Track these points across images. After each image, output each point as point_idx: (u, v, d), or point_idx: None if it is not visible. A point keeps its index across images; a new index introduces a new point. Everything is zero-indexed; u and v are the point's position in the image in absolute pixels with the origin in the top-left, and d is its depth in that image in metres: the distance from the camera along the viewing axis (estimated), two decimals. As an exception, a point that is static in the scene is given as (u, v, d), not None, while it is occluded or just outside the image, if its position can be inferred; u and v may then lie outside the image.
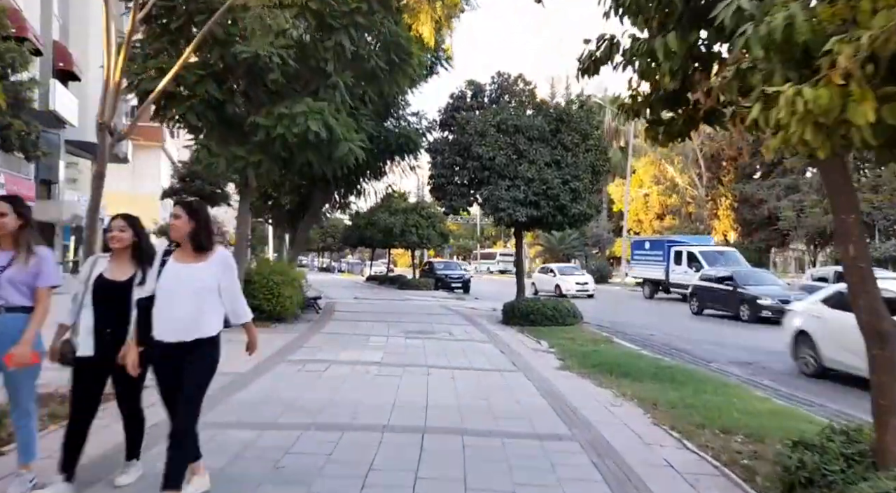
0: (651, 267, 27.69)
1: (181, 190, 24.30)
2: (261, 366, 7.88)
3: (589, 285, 27.00)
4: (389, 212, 31.77)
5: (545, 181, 13.51)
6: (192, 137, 11.56)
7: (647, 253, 28.41)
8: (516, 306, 14.44)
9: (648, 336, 14.50)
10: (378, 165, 17.99)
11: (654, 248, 27.94)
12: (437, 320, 15.03)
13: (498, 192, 13.50)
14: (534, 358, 9.85)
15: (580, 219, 13.96)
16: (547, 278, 28.37)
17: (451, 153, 14.27)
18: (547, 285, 27.72)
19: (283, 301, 12.50)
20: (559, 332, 13.23)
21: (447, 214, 14.81)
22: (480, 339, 11.80)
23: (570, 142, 13.91)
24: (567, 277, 27.62)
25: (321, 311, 15.99)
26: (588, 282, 27.33)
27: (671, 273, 25.47)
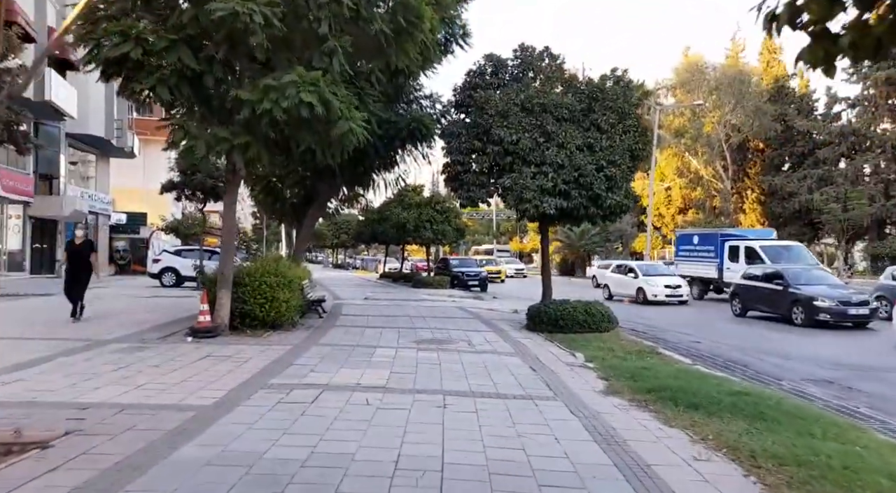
0: (700, 264, 24.93)
1: (182, 184, 22.85)
2: (233, 395, 6.27)
3: (682, 290, 22.23)
4: (402, 206, 30.16)
5: (577, 167, 11.77)
6: (166, 117, 9.96)
7: (696, 248, 25.81)
8: (543, 309, 12.73)
9: (693, 344, 12.75)
10: (389, 155, 16.36)
11: (705, 242, 25.37)
12: (453, 324, 13.38)
13: (522, 180, 11.79)
14: (571, 377, 8.15)
15: (617, 211, 12.20)
16: (626, 279, 23.64)
17: (469, 137, 12.57)
18: (625, 287, 23.36)
19: (277, 306, 10.92)
20: (594, 340, 11.53)
21: (464, 206, 13.09)
22: (504, 350, 10.12)
23: (604, 122, 12.15)
24: (653, 278, 22.66)
25: (325, 314, 14.41)
26: (681, 285, 22.40)
27: (725, 271, 22.81)
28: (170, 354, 8.48)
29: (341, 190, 18.48)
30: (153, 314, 13.39)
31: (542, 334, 12.27)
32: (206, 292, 10.25)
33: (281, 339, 10.28)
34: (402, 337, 11.13)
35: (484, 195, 12.59)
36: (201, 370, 7.42)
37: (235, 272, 10.91)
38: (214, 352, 8.72)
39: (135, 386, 6.47)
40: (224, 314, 10.43)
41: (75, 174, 33.68)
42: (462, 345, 10.44)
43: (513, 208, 12.58)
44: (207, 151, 9.38)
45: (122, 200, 40.46)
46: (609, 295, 23.49)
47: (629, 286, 23.11)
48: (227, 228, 10.54)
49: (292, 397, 6.24)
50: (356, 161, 16.24)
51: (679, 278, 23.00)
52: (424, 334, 11.55)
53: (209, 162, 22.16)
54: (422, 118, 15.73)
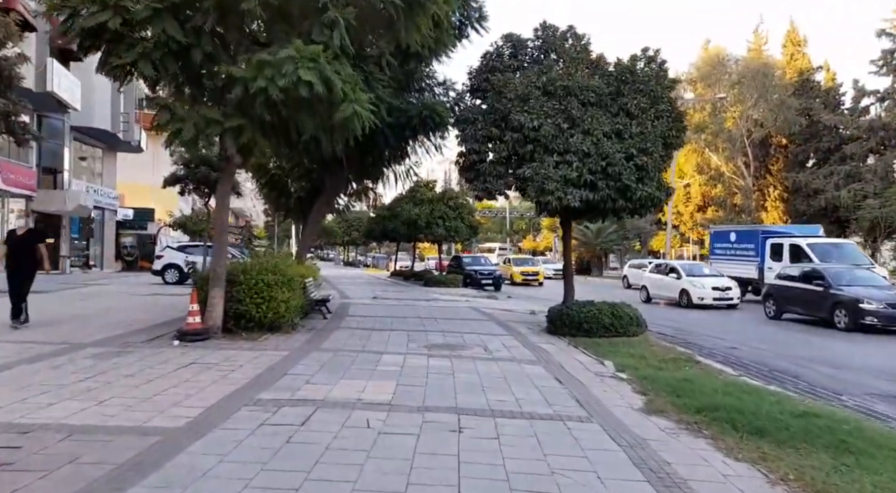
0: (738, 263, 23.27)
1: (185, 177, 22.00)
2: (211, 413, 5.32)
3: (732, 292, 20.06)
4: (414, 202, 29.20)
5: (604, 156, 10.72)
6: (150, 96, 9.03)
7: (734, 247, 24.23)
8: (565, 311, 11.70)
9: (730, 350, 11.67)
10: (399, 145, 15.39)
11: (743, 240, 23.82)
12: (467, 327, 12.38)
13: (544, 170, 10.77)
14: (603, 391, 7.14)
15: (648, 204, 11.13)
16: (667, 280, 21.55)
17: (486, 124, 11.56)
18: (666, 289, 21.46)
19: (276, 306, 9.98)
20: (622, 346, 10.49)
21: (479, 199, 12.09)
22: (525, 357, 9.11)
23: (635, 107, 11.09)
24: (700, 279, 20.62)
25: (330, 315, 13.47)
26: (731, 287, 20.21)
27: (766, 271, 21.16)
28: (150, 360, 7.55)
29: (349, 183, 17.53)
30: (147, 314, 12.52)
31: (564, 339, 11.26)
32: (195, 291, 9.33)
33: (278, 343, 9.33)
34: (412, 341, 10.15)
35: (502, 187, 11.57)
36: (181, 381, 6.48)
37: (230, 270, 9.99)
38: (201, 358, 7.79)
39: (97, 402, 5.54)
40: (216, 315, 9.51)
41: (81, 169, 33.06)
42: (477, 351, 9.44)
43: (533, 201, 11.55)
44: (196, 135, 8.43)
45: (131, 196, 39.79)
46: (647, 297, 21.95)
47: (670, 288, 21.16)
48: (220, 222, 9.61)
49: (280, 418, 5.27)
50: (364, 152, 15.30)
51: (728, 279, 20.89)
52: (436, 338, 10.57)
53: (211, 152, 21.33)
54: (434, 106, 14.72)
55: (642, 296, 21.97)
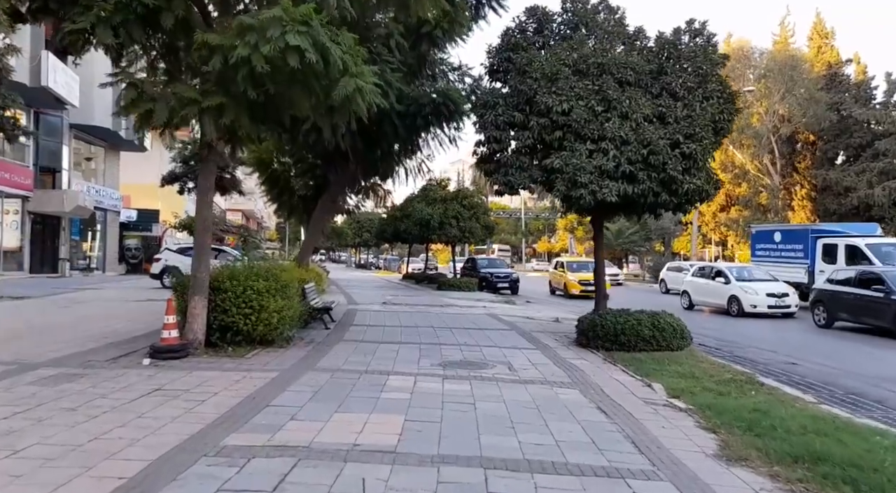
0: (784, 266, 21.32)
1: (183, 175, 20.84)
2: (156, 470, 3.98)
3: (789, 298, 17.93)
4: (426, 202, 27.85)
5: (646, 143, 9.29)
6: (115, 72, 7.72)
7: (779, 248, 22.38)
8: (598, 321, 10.27)
9: (789, 366, 10.19)
10: (410, 137, 14.06)
11: (791, 240, 21.95)
12: (486, 338, 10.99)
13: (576, 159, 9.35)
14: (661, 427, 5.71)
15: (695, 198, 9.67)
16: (713, 285, 19.35)
17: (507, 108, 10.17)
18: (711, 295, 19.37)
19: (267, 317, 8.65)
20: (667, 363, 9.06)
21: (500, 194, 10.72)
22: (557, 378, 7.70)
23: (680, 86, 9.65)
24: (752, 284, 18.38)
25: (334, 324, 12.14)
26: (788, 293, 18.07)
27: (818, 274, 19.07)
28: (107, 387, 6.23)
29: (356, 180, 16.20)
30: (129, 323, 11.25)
31: (598, 353, 9.83)
32: (170, 301, 8.01)
33: (268, 361, 7.99)
34: (425, 357, 8.78)
35: (526, 180, 10.15)
36: (134, 417, 5.15)
37: (214, 276, 8.67)
38: (170, 383, 6.46)
39: (10, 451, 4.22)
40: (198, 328, 8.20)
41: (83, 168, 32.08)
42: (501, 370, 8.05)
43: (560, 197, 10.10)
44: (169, 118, 7.13)
45: (137, 197, 38.81)
46: (689, 304, 20.21)
47: (717, 294, 19.08)
48: (201, 220, 8.29)
49: (246, 478, 3.91)
50: (371, 144, 13.98)
51: (784, 284, 18.76)
52: (452, 354, 9.18)
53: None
54: (449, 92, 13.40)
55: (684, 302, 20.33)
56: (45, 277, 26.19)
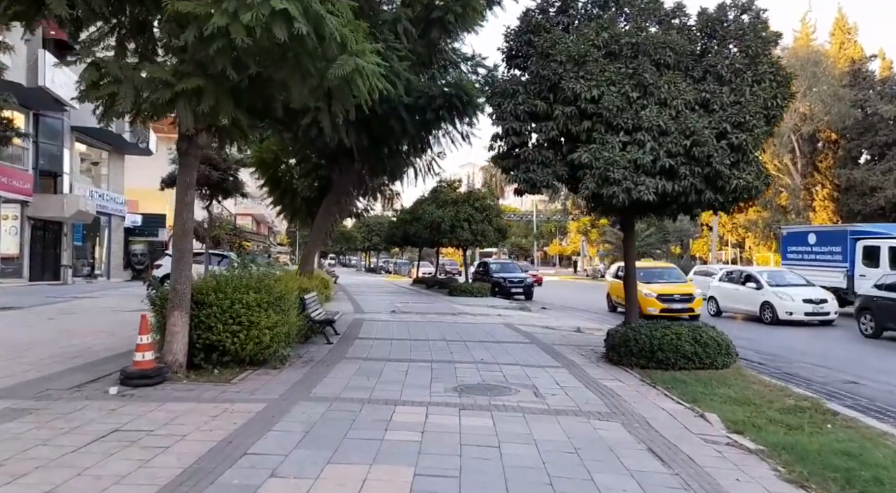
0: (820, 270, 19.86)
1: (184, 178, 19.90)
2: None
3: (828, 305, 16.48)
4: (437, 204, 26.79)
5: (688, 133, 8.15)
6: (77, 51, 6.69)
7: (813, 250, 20.99)
8: (631, 335, 9.11)
9: (850, 386, 8.97)
10: (419, 133, 12.99)
11: (827, 242, 20.52)
12: (505, 354, 9.87)
13: (608, 152, 8.22)
14: (734, 479, 4.57)
15: (744, 196, 8.49)
16: (743, 291, 17.87)
17: (528, 97, 9.05)
18: (741, 301, 17.95)
19: (258, 335, 7.59)
20: (715, 384, 7.90)
21: (520, 193, 9.58)
22: (593, 407, 6.57)
23: (726, 68, 8.50)
24: (786, 289, 16.88)
25: (337, 338, 11.08)
26: (826, 300, 16.57)
27: (858, 279, 17.89)
28: (52, 428, 5.16)
29: (363, 180, 15.16)
30: (112, 339, 10.22)
31: (632, 372, 8.68)
32: (144, 317, 6.95)
33: (256, 387, 6.91)
34: (437, 380, 7.67)
35: (550, 177, 9.02)
36: (72, 476, 4.08)
37: (198, 288, 7.63)
38: (132, 421, 5.40)
39: None
40: (177, 348, 7.14)
41: (85, 172, 31.28)
42: (526, 396, 6.93)
43: (588, 196, 8.95)
44: (136, 103, 6.08)
45: (145, 201, 38.01)
46: (717, 310, 18.89)
47: (748, 300, 17.65)
48: (181, 223, 7.23)
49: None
50: (378, 141, 12.93)
51: (822, 289, 17.15)
52: (468, 375, 8.07)
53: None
54: (462, 84, 12.33)
55: (711, 308, 19.04)
56: (46, 284, 25.36)
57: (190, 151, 7.18)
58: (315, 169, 15.61)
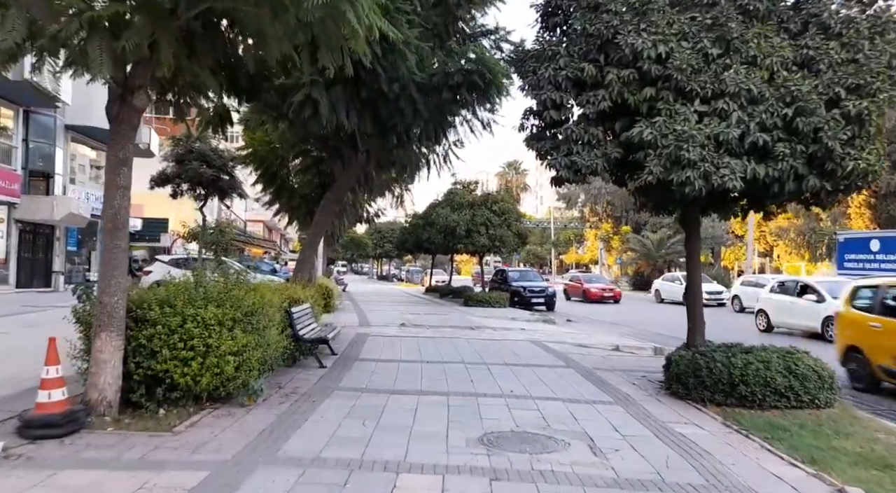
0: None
1: (177, 175, 18.20)
2: None
3: None
4: (452, 207, 24.90)
5: (789, 99, 6.19)
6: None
7: (876, 257, 18.86)
8: (703, 363, 7.11)
9: None
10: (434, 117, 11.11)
11: (893, 248, 18.51)
12: (539, 382, 7.92)
13: (679, 126, 6.27)
14: None
15: (858, 181, 6.50)
16: (801, 304, 15.59)
17: (572, 60, 7.14)
18: (799, 316, 15.68)
19: (218, 362, 5.70)
20: (829, 433, 5.93)
21: (559, 183, 7.57)
22: (680, 476, 4.60)
23: (833, 19, 6.53)
24: None
25: (334, 359, 9.20)
26: None
27: None
28: None
29: (368, 174, 13.30)
30: (60, 359, 8.37)
31: (707, 411, 6.71)
32: (52, 342, 5.07)
33: (206, 439, 5.02)
34: (456, 424, 5.74)
35: (599, 161, 7.07)
36: None
37: (136, 300, 5.77)
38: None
39: None
40: (105, 383, 5.29)
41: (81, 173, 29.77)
42: (580, 454, 4.98)
43: (641, 187, 7.00)
44: (28, 40, 4.25)
45: (150, 206, 36.50)
46: (767, 325, 16.79)
47: (806, 315, 15.44)
48: (110, 214, 5.36)
49: None
50: (386, 127, 11.10)
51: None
52: (497, 415, 6.13)
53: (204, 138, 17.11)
54: (484, 60, 10.47)
55: (760, 323, 16.93)
56: (36, 292, 23.75)
57: (122, 117, 5.34)
58: (315, 163, 13.81)
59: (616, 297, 29.30)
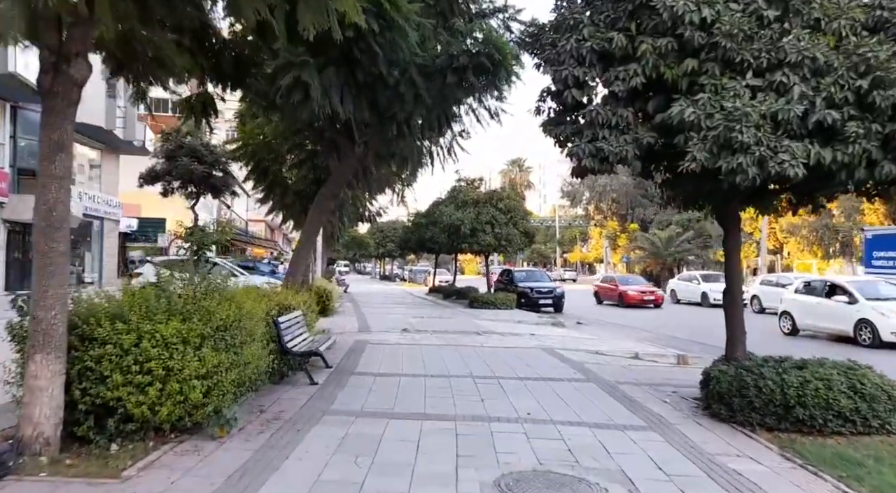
0: None
1: (167, 172, 17.26)
2: None
3: None
4: (456, 205, 23.93)
5: (862, 69, 5.20)
6: None
7: None
8: (750, 381, 6.13)
9: None
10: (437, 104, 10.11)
11: None
12: (559, 404, 6.94)
13: (730, 102, 5.29)
14: None
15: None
16: (830, 305, 14.55)
17: (597, 30, 6.16)
18: (828, 318, 14.57)
19: (181, 388, 4.75)
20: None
21: (582, 174, 6.50)
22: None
23: (911, -26, 5.54)
24: (889, 304, 13.52)
25: (328, 372, 8.25)
26: None
27: None
28: None
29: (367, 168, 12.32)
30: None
31: (758, 438, 5.74)
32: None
33: (160, 488, 4.06)
34: (468, 460, 4.78)
35: (629, 147, 6.09)
36: None
37: (83, 313, 4.82)
38: None
39: None
40: (42, 415, 4.35)
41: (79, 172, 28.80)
42: (624, 506, 4.00)
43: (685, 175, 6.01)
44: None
45: (147, 206, 35.55)
46: (793, 328, 15.71)
47: (836, 317, 14.35)
48: (44, 210, 4.34)
49: None
50: (385, 115, 10.12)
51: None
52: (514, 448, 5.16)
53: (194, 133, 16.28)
54: (492, 39, 9.49)
55: (784, 326, 15.93)
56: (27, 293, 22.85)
57: (57, 89, 4.37)
58: (310, 157, 12.84)
59: (658, 301, 25.95)
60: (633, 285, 27.14)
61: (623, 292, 26.02)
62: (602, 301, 27.83)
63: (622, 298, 25.94)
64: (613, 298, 26.64)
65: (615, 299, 26.46)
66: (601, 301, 27.84)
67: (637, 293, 25.87)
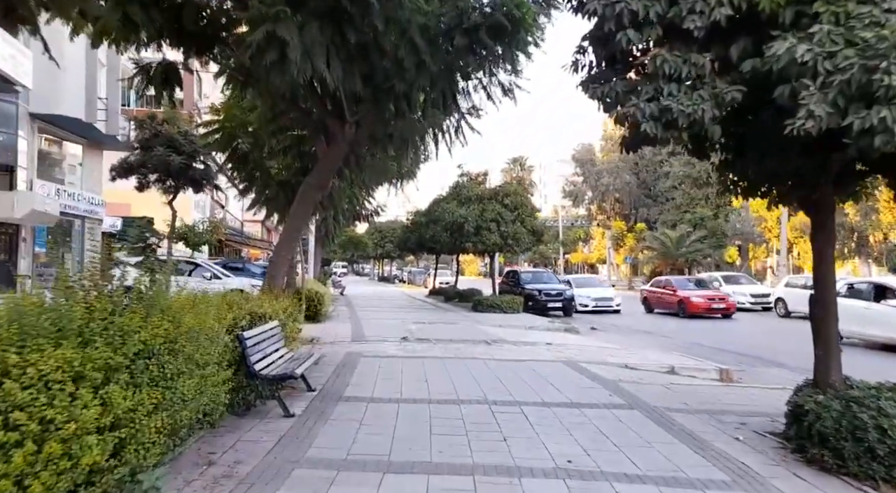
0: None
1: (142, 164, 15.66)
2: None
3: None
4: (459, 201, 22.37)
5: None
6: None
7: None
8: (864, 418, 4.56)
9: None
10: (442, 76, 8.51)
11: None
12: (605, 445, 5.35)
13: (869, 31, 3.70)
14: None
15: None
16: (878, 310, 13.23)
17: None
18: (876, 324, 13.17)
19: (71, 449, 3.14)
20: None
21: (635, 147, 4.82)
22: None
23: None
24: None
25: (309, 398, 6.67)
26: None
27: None
28: None
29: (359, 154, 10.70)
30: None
31: None
32: None
33: None
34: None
35: (706, 106, 4.51)
36: None
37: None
38: None
39: None
40: None
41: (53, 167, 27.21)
42: None
43: (806, 132, 4.39)
44: None
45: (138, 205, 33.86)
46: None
47: (882, 322, 12.94)
48: None
49: None
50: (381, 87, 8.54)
51: None
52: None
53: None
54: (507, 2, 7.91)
55: None
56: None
57: None
58: (296, 143, 11.23)
59: (729, 309, 21.35)
60: (696, 289, 22.74)
61: (685, 299, 21.61)
62: (653, 310, 23.87)
63: (683, 306, 21.55)
64: (669, 306, 22.57)
65: (672, 307, 22.36)
66: (651, 310, 23.97)
67: (703, 300, 21.36)
